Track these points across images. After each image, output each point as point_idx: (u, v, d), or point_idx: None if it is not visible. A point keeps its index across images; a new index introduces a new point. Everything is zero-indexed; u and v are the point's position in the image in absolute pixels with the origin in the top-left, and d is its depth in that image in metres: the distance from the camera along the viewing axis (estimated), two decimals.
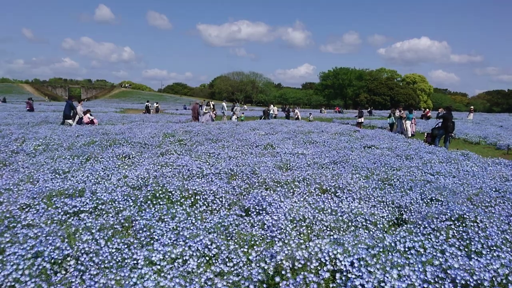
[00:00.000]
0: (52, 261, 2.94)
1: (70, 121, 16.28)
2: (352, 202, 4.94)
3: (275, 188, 5.48)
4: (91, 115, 17.99)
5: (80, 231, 3.45)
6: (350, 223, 4.15)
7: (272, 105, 31.74)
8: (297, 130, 14.96)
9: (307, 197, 5.13)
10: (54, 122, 17.02)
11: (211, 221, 3.98)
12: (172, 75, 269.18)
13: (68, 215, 4.08)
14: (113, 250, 3.19)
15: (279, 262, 2.90)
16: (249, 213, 4.36)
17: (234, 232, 3.74)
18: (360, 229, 4.07)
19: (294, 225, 3.97)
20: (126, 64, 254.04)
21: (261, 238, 3.65)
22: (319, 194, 5.30)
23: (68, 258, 3.00)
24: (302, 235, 3.84)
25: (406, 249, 3.31)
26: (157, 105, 37.47)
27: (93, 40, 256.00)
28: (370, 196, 5.17)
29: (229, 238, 3.67)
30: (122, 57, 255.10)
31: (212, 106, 22.38)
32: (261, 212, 4.33)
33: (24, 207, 4.28)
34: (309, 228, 3.97)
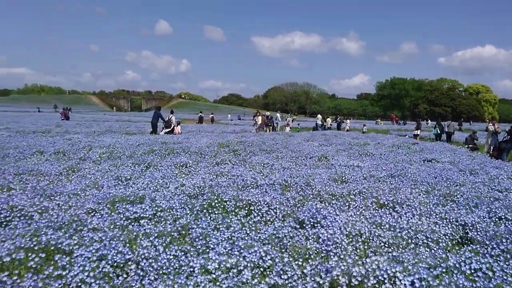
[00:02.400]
0: (115, 264, 3.08)
1: (163, 131, 16.70)
2: (411, 218, 4.73)
3: (330, 200, 5.39)
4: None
5: (140, 236, 3.59)
6: (409, 240, 3.97)
7: (320, 115, 31.17)
8: (352, 142, 14.64)
9: (363, 211, 4.98)
10: (117, 132, 17.97)
11: (265, 232, 3.98)
12: (227, 86, 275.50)
13: (129, 221, 4.26)
14: (171, 257, 3.28)
15: (335, 278, 2.84)
16: (304, 225, 4.32)
17: (288, 244, 3.71)
18: (421, 247, 3.88)
19: (350, 239, 3.87)
20: (183, 76, 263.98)
21: (316, 252, 3.59)
22: (376, 208, 5.13)
23: (129, 263, 3.12)
24: (358, 251, 3.73)
25: (472, 271, 3.10)
26: (212, 115, 38.42)
27: (153, 54, 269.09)
28: (431, 212, 4.92)
29: (283, 250, 3.65)
30: (180, 69, 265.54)
31: (266, 117, 22.56)
32: (316, 225, 4.27)
33: (90, 211, 4.54)
34: (366, 244, 3.84)
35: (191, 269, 3.10)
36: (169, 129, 17.14)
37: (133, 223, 4.21)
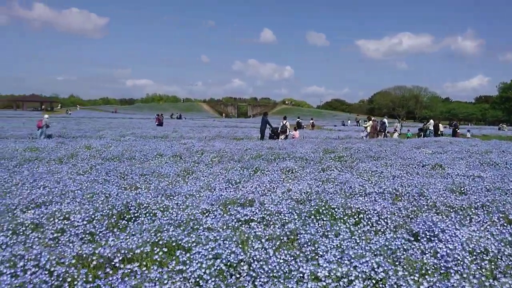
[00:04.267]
0: (228, 263, 3.24)
1: (281, 137, 17.19)
2: None
3: (448, 213, 4.97)
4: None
5: (251, 239, 3.72)
6: None
7: (431, 121, 28.79)
8: (471, 149, 13.32)
9: (488, 227, 4.49)
10: (226, 137, 18.92)
11: (377, 242, 3.82)
12: (330, 91, 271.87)
13: (240, 223, 4.45)
14: (281, 261, 3.34)
15: None
16: (418, 238, 4.04)
17: (402, 257, 3.51)
18: None
19: (474, 257, 3.51)
20: (287, 82, 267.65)
21: (433, 268, 3.33)
22: (504, 224, 4.58)
23: (242, 263, 3.25)
24: (484, 270, 3.37)
25: None
26: (312, 121, 38.30)
27: (257, 62, 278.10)
28: None
29: (396, 263, 3.46)
30: (283, 76, 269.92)
31: (372, 122, 21.70)
32: (432, 238, 3.96)
33: (204, 212, 4.84)
34: (493, 263, 3.45)
35: (301, 275, 3.11)
36: (286, 135, 17.44)
37: (243, 225, 4.39)
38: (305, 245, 3.75)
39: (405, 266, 3.34)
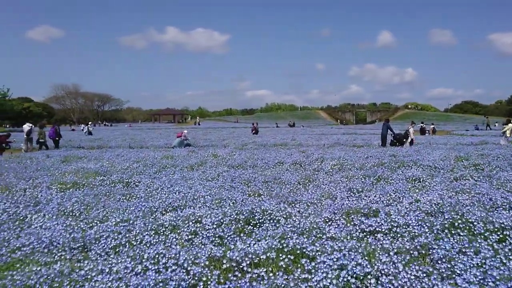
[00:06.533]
0: (354, 275, 3.14)
1: (407, 143, 16.60)
2: None
3: None
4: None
5: (378, 251, 3.55)
6: None
7: None
8: None
9: None
10: (344, 144, 18.54)
11: None
12: (459, 93, 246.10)
13: (364, 233, 4.29)
14: (412, 277, 3.11)
15: None
16: None
17: None
18: None
19: None
20: (408, 86, 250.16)
21: None
22: None
23: (369, 276, 3.12)
24: None
25: None
26: (433, 126, 35.28)
27: (375, 66, 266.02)
28: None
29: None
30: (404, 79, 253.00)
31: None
32: None
33: (326, 220, 4.80)
34: None
35: None
36: (409, 140, 16.53)
37: (368, 236, 4.22)
38: (439, 262, 3.44)
39: None
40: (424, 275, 3.18)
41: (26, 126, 18.32)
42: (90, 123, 47.83)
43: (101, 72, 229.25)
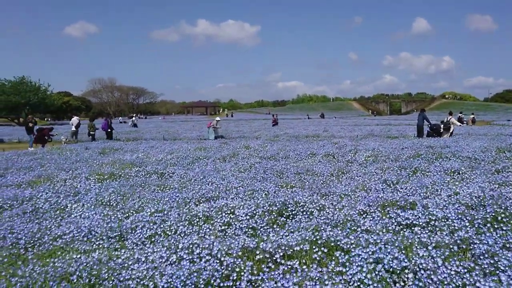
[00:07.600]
0: (391, 270, 3.05)
1: (446, 135, 16.14)
2: None
3: None
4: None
5: (416, 244, 3.44)
6: None
7: None
8: None
9: None
10: (378, 135, 18.14)
11: None
12: (500, 81, 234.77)
13: (401, 226, 4.17)
14: (452, 272, 2.99)
15: None
16: None
17: None
18: None
19: None
20: (445, 74, 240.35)
21: None
22: None
23: (406, 271, 3.03)
24: None
25: None
26: (473, 115, 33.85)
27: (410, 55, 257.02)
28: None
29: None
30: (441, 67, 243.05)
31: None
32: None
33: (361, 213, 4.70)
34: None
35: None
36: (450, 132, 15.95)
37: (405, 229, 4.10)
38: (481, 257, 3.29)
39: None
40: (465, 270, 3.05)
41: (75, 119, 19.13)
42: (135, 115, 48.54)
43: (135, 66, 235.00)
